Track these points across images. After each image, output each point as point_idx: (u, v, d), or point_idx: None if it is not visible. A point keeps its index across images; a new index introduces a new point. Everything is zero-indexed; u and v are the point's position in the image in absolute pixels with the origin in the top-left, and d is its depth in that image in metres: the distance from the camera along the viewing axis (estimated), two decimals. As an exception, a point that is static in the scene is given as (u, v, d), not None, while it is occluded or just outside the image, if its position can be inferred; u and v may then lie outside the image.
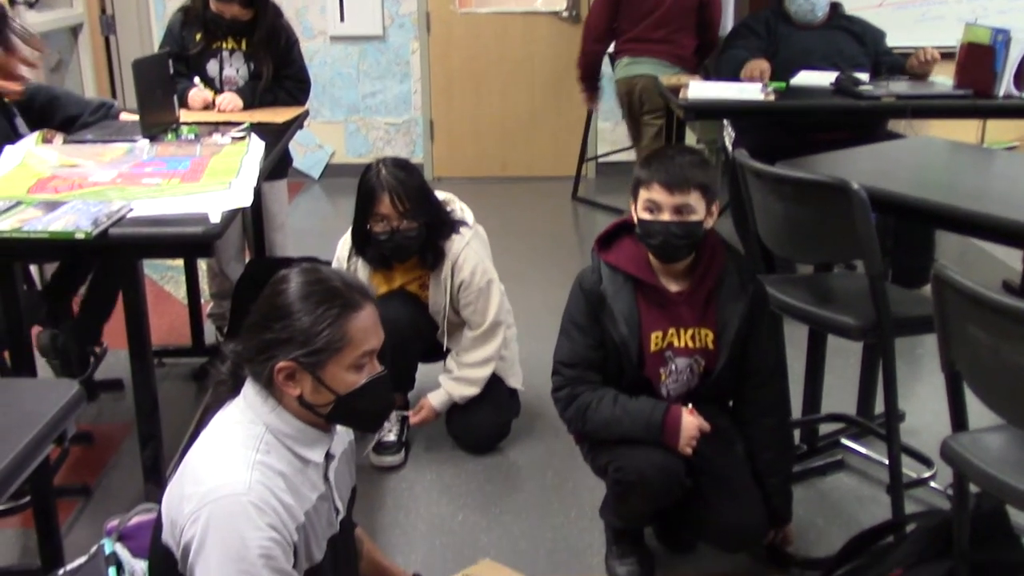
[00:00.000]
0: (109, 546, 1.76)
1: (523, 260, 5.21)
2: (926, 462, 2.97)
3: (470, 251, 3.04)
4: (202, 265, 4.04)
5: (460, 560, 2.61)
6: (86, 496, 2.85)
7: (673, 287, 2.38)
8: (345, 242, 3.11)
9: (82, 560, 1.94)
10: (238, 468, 1.60)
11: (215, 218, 2.29)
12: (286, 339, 1.65)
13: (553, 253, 5.38)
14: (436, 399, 3.15)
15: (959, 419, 1.94)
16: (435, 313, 3.11)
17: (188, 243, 2.29)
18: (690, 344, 2.39)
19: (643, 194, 2.31)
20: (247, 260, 3.91)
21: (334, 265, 3.05)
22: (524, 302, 4.60)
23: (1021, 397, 1.71)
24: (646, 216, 2.31)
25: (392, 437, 3.12)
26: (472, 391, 3.13)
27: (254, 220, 3.74)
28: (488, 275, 3.08)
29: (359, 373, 1.71)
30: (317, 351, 1.65)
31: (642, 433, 2.31)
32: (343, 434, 1.87)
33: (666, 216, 2.28)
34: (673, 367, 2.40)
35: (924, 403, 3.47)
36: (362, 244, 3.02)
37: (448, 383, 3.14)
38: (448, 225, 3.05)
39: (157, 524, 1.69)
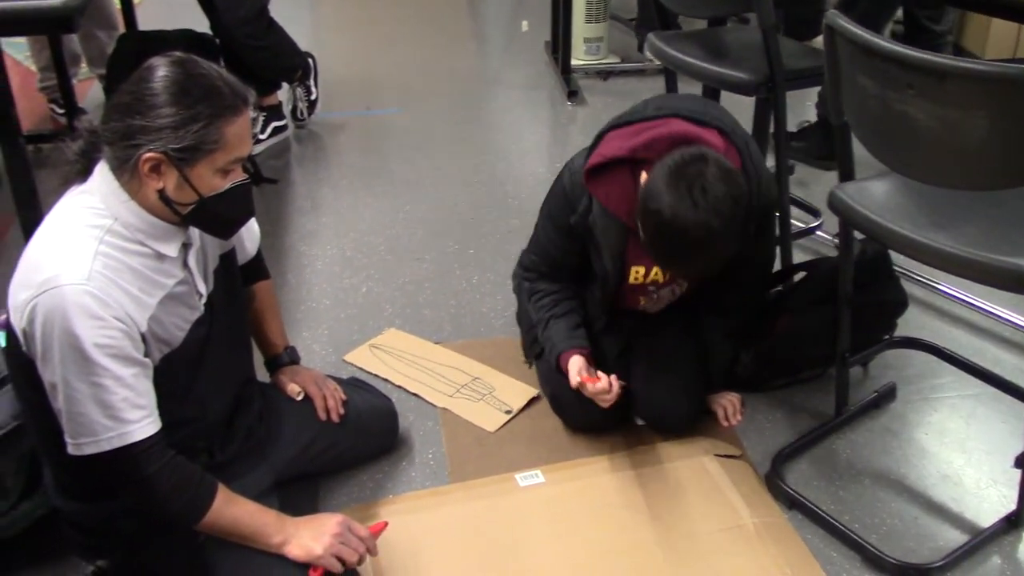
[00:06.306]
0: (2, 339, 1.71)
1: (410, 23, 5.05)
2: (814, 212, 3.07)
3: None
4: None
5: (366, 332, 2.65)
6: (-26, 290, 2.77)
7: None
8: None
9: (-24, 354, 1.91)
10: (79, 258, 1.54)
11: (74, -12, 2.13)
12: (156, 129, 1.55)
13: (438, 16, 5.21)
14: None
15: (846, 169, 1.98)
16: None
17: (49, 17, 2.13)
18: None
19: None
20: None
21: None
22: (412, 63, 4.49)
23: (905, 144, 1.74)
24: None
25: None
26: None
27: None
28: None
29: (224, 178, 1.65)
30: (190, 148, 1.57)
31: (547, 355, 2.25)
32: None
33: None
34: (655, 296, 2.25)
35: (813, 155, 3.55)
36: None
37: None
38: None
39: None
